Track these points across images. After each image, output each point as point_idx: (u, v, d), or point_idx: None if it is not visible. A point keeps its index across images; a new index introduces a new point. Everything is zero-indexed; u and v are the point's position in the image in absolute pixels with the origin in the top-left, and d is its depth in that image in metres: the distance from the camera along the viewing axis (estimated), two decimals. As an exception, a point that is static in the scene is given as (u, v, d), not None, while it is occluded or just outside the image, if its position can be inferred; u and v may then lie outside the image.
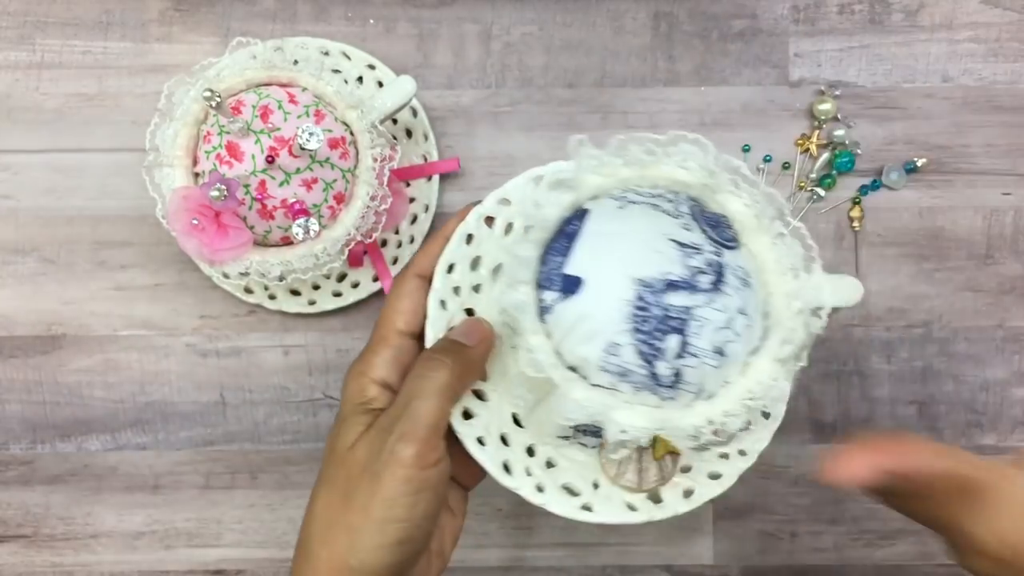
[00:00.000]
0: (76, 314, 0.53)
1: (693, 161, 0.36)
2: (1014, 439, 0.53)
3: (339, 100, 0.46)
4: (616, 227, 0.34)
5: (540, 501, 0.38)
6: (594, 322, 0.33)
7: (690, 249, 0.34)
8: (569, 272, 0.34)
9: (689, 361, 0.33)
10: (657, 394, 0.34)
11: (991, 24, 0.53)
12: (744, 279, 0.34)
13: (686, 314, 0.33)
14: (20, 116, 0.53)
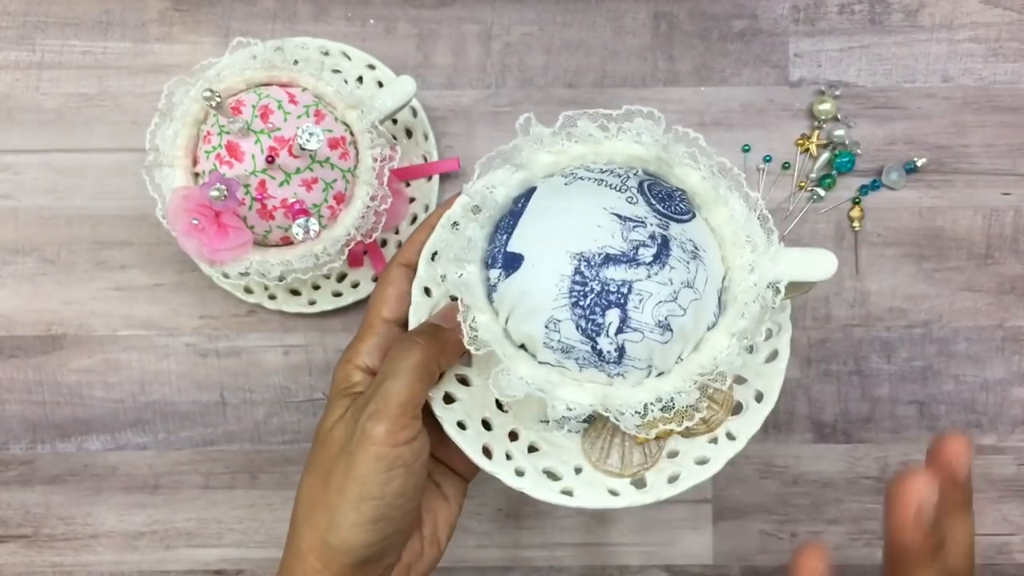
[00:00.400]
0: (76, 314, 0.53)
1: (648, 135, 0.36)
2: (1014, 439, 0.53)
3: (339, 100, 0.46)
4: (558, 203, 0.34)
5: (519, 485, 0.37)
6: (534, 298, 0.33)
7: (632, 222, 0.33)
8: (511, 250, 0.34)
9: (631, 336, 0.33)
10: (604, 371, 0.33)
11: (991, 24, 0.53)
12: (694, 252, 0.34)
13: (626, 288, 0.32)
14: (20, 116, 0.53)
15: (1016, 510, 0.53)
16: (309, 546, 0.35)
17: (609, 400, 0.33)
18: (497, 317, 0.34)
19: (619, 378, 0.34)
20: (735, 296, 0.34)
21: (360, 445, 0.34)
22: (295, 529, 0.36)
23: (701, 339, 0.34)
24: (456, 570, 0.54)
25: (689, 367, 0.34)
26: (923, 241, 0.53)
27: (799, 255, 0.35)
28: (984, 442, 0.53)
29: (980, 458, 0.53)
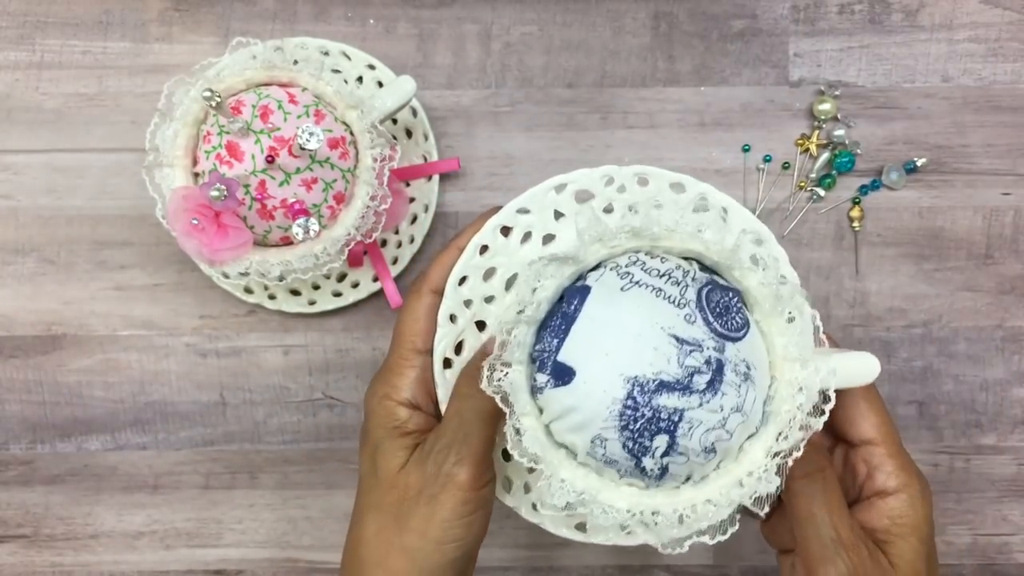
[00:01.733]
0: (76, 314, 0.53)
1: (711, 233, 0.34)
2: (1014, 439, 0.53)
3: (339, 100, 0.46)
4: (614, 316, 0.33)
5: (536, 520, 0.38)
6: (583, 415, 0.33)
7: (689, 346, 0.32)
8: (562, 360, 0.33)
9: (676, 459, 0.33)
10: (644, 481, 0.34)
11: (991, 24, 0.53)
12: (746, 373, 0.33)
13: (677, 415, 0.32)
14: (20, 116, 0.53)
15: (1016, 510, 0.53)
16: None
17: (646, 508, 0.33)
18: (540, 416, 0.34)
19: (656, 488, 0.34)
20: (778, 411, 0.34)
21: (446, 490, 0.35)
22: (364, 570, 0.36)
23: (740, 448, 0.34)
24: (456, 570, 0.54)
25: (726, 480, 0.34)
26: (923, 241, 0.53)
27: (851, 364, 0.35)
28: (984, 442, 0.53)
29: (980, 458, 0.53)
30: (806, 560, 0.35)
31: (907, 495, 0.36)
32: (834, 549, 0.34)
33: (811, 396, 0.34)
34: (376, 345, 0.53)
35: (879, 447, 0.37)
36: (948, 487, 0.53)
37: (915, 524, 0.36)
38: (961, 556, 0.53)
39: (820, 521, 0.34)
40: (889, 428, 0.37)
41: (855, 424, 0.37)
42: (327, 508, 0.54)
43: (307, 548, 0.54)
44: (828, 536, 0.34)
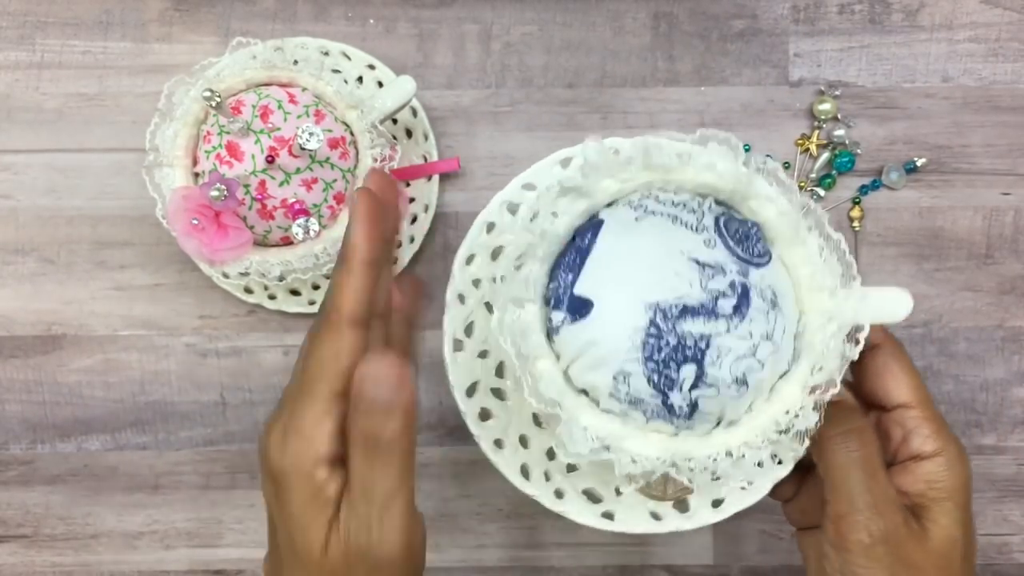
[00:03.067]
0: (76, 314, 0.53)
1: (723, 164, 0.33)
2: (1014, 439, 0.53)
3: (339, 100, 0.46)
4: (631, 243, 0.31)
5: (560, 509, 0.36)
6: (604, 349, 0.31)
7: (711, 269, 0.31)
8: (579, 293, 0.31)
9: (706, 392, 0.31)
10: (672, 423, 0.31)
11: (991, 24, 0.53)
12: (773, 300, 0.31)
13: (704, 342, 0.30)
14: (20, 116, 0.53)
15: (1016, 510, 0.53)
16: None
17: (678, 454, 0.31)
18: (557, 361, 0.32)
19: (686, 429, 0.32)
20: (811, 344, 0.32)
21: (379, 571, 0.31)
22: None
23: (773, 387, 0.32)
24: (456, 570, 0.54)
25: (761, 421, 0.32)
26: (923, 241, 0.53)
27: (878, 298, 0.33)
28: (984, 442, 0.53)
29: (980, 458, 0.53)
30: (837, 523, 0.33)
31: (944, 458, 0.34)
32: (868, 512, 0.33)
33: (843, 326, 0.32)
34: (376, 345, 0.53)
35: (914, 410, 0.35)
36: (948, 487, 0.53)
37: (953, 489, 0.34)
38: (961, 556, 0.53)
39: (854, 482, 0.33)
40: (923, 391, 0.36)
41: (888, 387, 0.36)
42: (327, 508, 0.54)
43: (307, 548, 0.54)
44: (862, 498, 0.33)
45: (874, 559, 0.32)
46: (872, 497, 0.33)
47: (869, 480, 0.33)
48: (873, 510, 0.33)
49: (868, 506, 0.33)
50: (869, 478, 0.33)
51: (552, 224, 0.32)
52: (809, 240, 0.33)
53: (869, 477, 0.33)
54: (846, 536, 0.33)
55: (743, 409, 0.32)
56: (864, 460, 0.33)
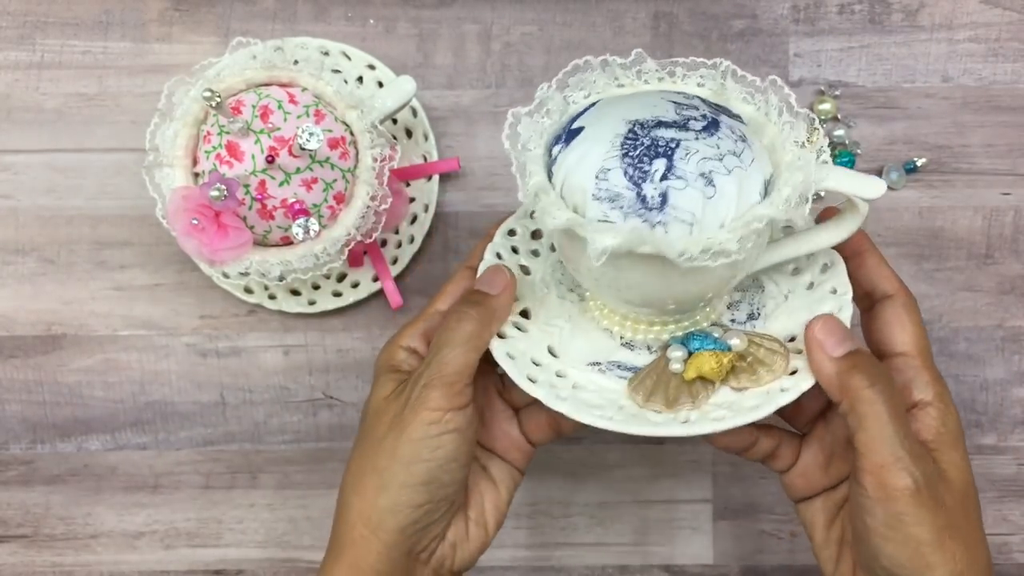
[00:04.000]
0: (76, 314, 0.53)
1: (709, 80, 0.39)
2: (1014, 439, 0.53)
3: (339, 100, 0.46)
4: (621, 98, 0.38)
5: (559, 407, 0.37)
6: (589, 157, 0.35)
7: (687, 106, 0.36)
8: (575, 126, 0.37)
9: (675, 183, 0.34)
10: (647, 219, 0.34)
11: (991, 24, 0.53)
12: (742, 136, 0.36)
13: (674, 143, 0.35)
14: (20, 116, 0.53)
15: (1016, 510, 0.53)
16: (358, 513, 0.37)
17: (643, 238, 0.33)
18: (553, 188, 0.36)
19: (660, 228, 0.34)
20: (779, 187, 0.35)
21: (414, 410, 0.36)
22: (343, 498, 0.38)
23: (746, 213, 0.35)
24: (456, 570, 0.54)
25: (732, 225, 0.34)
26: (923, 241, 0.53)
27: (846, 171, 0.37)
28: (984, 442, 0.53)
29: (980, 458, 0.53)
30: (879, 474, 0.33)
31: (944, 404, 0.36)
32: (911, 461, 0.33)
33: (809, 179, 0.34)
34: (376, 345, 0.53)
35: (915, 359, 0.37)
36: (948, 487, 0.53)
37: (957, 434, 0.36)
38: (961, 556, 0.53)
39: (891, 431, 0.33)
40: (925, 342, 0.37)
41: (894, 336, 0.37)
42: (327, 508, 0.53)
43: (307, 548, 0.54)
44: (902, 446, 0.33)
45: (921, 504, 0.33)
46: (911, 444, 0.34)
47: (905, 428, 0.34)
48: (913, 456, 0.33)
49: (909, 453, 0.33)
50: (904, 426, 0.34)
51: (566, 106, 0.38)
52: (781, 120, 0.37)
53: (904, 426, 0.34)
54: (892, 485, 0.33)
55: (716, 223, 0.34)
56: (897, 410, 0.34)
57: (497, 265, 0.40)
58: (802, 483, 0.40)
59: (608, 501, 0.54)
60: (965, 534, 0.34)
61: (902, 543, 0.33)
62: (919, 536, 0.33)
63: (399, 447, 0.36)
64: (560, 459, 0.54)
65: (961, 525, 0.34)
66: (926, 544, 0.33)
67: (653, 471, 0.54)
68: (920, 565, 0.33)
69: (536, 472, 0.54)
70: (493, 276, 0.39)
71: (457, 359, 0.36)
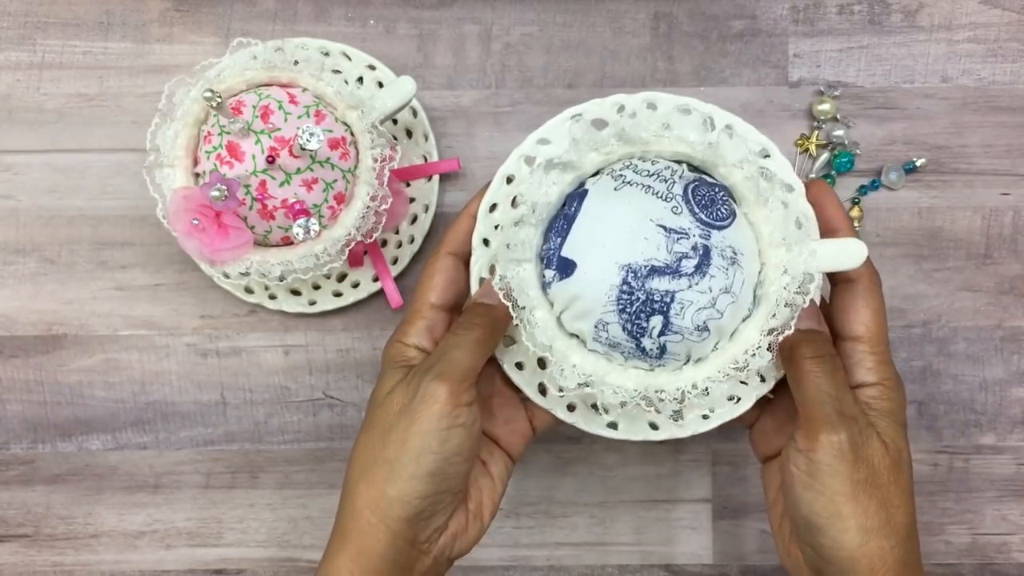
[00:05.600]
0: (77, 314, 0.53)
1: (696, 135, 0.38)
2: (1013, 439, 0.53)
3: (339, 100, 0.46)
4: (608, 212, 0.37)
5: (571, 420, 0.41)
6: (586, 302, 0.37)
7: (676, 234, 0.36)
8: (565, 255, 0.37)
9: (672, 338, 0.36)
10: (647, 362, 0.37)
11: (990, 24, 0.53)
12: (732, 258, 0.37)
13: (668, 297, 0.36)
14: (21, 116, 0.53)
15: (1015, 510, 0.53)
16: (365, 501, 0.38)
17: (651, 387, 0.36)
18: (552, 309, 0.38)
19: (660, 366, 0.37)
20: (768, 294, 0.37)
21: (424, 403, 0.37)
22: (350, 486, 0.39)
23: (736, 330, 0.38)
24: (455, 570, 0.54)
25: (723, 358, 0.37)
26: (922, 241, 0.53)
27: (832, 249, 0.38)
28: (983, 442, 0.53)
29: (979, 458, 0.53)
30: (809, 429, 0.37)
31: (883, 388, 0.39)
32: (837, 418, 0.37)
33: (796, 276, 0.37)
34: (376, 345, 0.53)
35: (863, 344, 0.39)
36: (947, 487, 0.53)
37: (892, 410, 0.39)
38: (960, 556, 0.53)
39: (826, 394, 0.37)
40: (879, 330, 0.40)
41: (849, 321, 0.40)
42: (328, 508, 0.54)
43: (307, 548, 0.54)
44: (832, 407, 0.37)
45: (840, 457, 0.36)
46: (840, 405, 0.37)
47: (837, 391, 0.37)
48: (841, 415, 0.37)
49: (836, 411, 0.37)
50: (837, 389, 0.37)
51: (545, 195, 0.38)
52: (771, 201, 0.38)
53: (837, 389, 0.37)
54: (816, 437, 0.36)
55: (709, 348, 0.38)
56: (833, 376, 0.38)
57: None
58: (761, 440, 0.43)
59: (608, 501, 0.54)
60: (885, 495, 0.37)
61: (819, 491, 0.36)
62: (834, 486, 0.36)
63: (409, 438, 0.37)
64: (560, 459, 0.54)
65: (882, 486, 0.37)
66: (840, 494, 0.36)
67: (653, 471, 0.54)
68: (832, 513, 0.36)
69: (536, 472, 0.54)
70: (490, 289, 0.40)
71: (465, 361, 0.38)
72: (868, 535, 0.36)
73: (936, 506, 0.53)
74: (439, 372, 0.38)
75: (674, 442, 0.53)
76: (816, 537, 0.37)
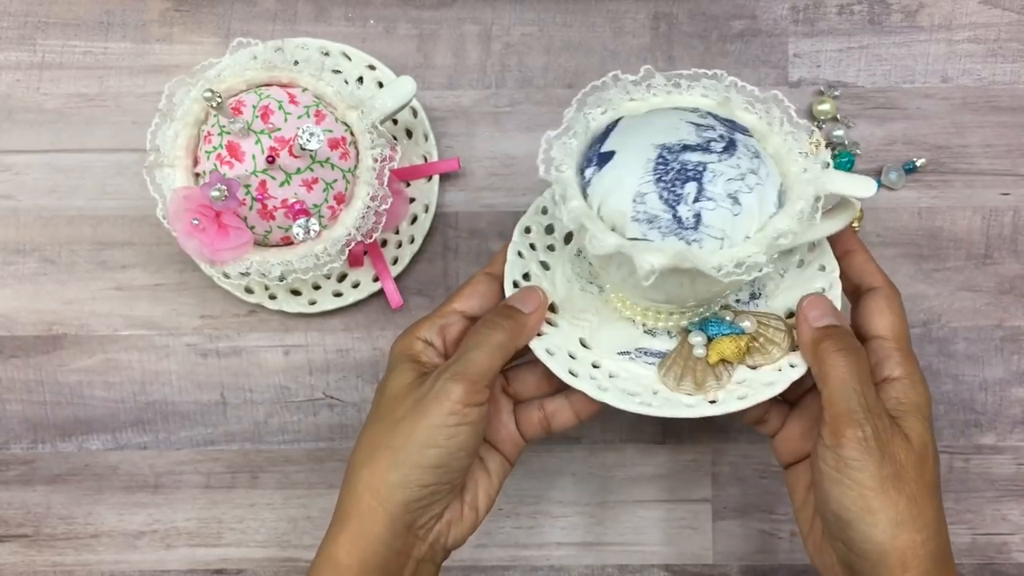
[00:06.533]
0: (77, 314, 0.53)
1: (713, 91, 0.42)
2: (1013, 439, 0.53)
3: (339, 100, 0.46)
4: (643, 120, 0.41)
5: (603, 397, 0.41)
6: (625, 180, 0.39)
7: (704, 127, 0.40)
8: (605, 150, 0.40)
9: (706, 204, 0.38)
10: (683, 238, 0.38)
11: (990, 24, 0.53)
12: (756, 152, 0.40)
13: (701, 167, 0.38)
14: (21, 116, 0.53)
15: (1015, 510, 0.53)
16: (367, 485, 0.39)
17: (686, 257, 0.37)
18: (590, 207, 0.39)
19: (696, 245, 0.38)
20: (792, 189, 0.40)
21: (437, 399, 0.39)
22: (352, 471, 0.40)
23: (765, 224, 0.39)
24: (456, 570, 0.54)
25: (758, 238, 0.38)
26: (922, 241, 0.53)
27: (844, 175, 0.41)
28: (983, 442, 0.53)
29: (979, 458, 0.53)
30: (835, 425, 0.37)
31: (910, 380, 0.40)
32: (862, 413, 0.37)
33: (815, 183, 0.39)
34: (376, 345, 0.53)
35: (889, 342, 0.41)
36: (947, 487, 0.53)
37: (918, 404, 0.39)
38: (960, 555, 0.53)
39: (851, 389, 0.38)
40: (902, 329, 0.41)
41: (874, 322, 0.41)
42: (328, 508, 0.53)
43: (307, 548, 0.54)
44: (857, 402, 0.37)
45: (867, 452, 0.37)
46: (866, 400, 0.38)
47: (863, 387, 0.38)
48: (867, 410, 0.37)
49: (862, 407, 0.37)
50: (863, 386, 0.38)
51: (588, 124, 0.41)
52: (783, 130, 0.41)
53: (863, 385, 0.38)
54: (843, 433, 0.37)
55: (742, 236, 0.39)
56: (859, 372, 0.38)
57: (532, 286, 0.43)
58: (786, 448, 0.44)
59: (608, 501, 0.54)
60: (913, 489, 0.37)
61: (848, 487, 0.37)
62: (863, 481, 0.37)
63: (416, 430, 0.39)
64: (560, 459, 0.54)
65: (910, 480, 0.37)
66: (869, 489, 0.37)
67: (653, 471, 0.54)
68: (863, 509, 0.37)
69: (536, 472, 0.54)
70: (527, 296, 0.42)
71: (483, 361, 0.39)
72: (898, 528, 0.37)
73: (936, 506, 0.53)
74: (456, 371, 0.39)
75: (674, 442, 0.54)
76: (847, 532, 0.38)
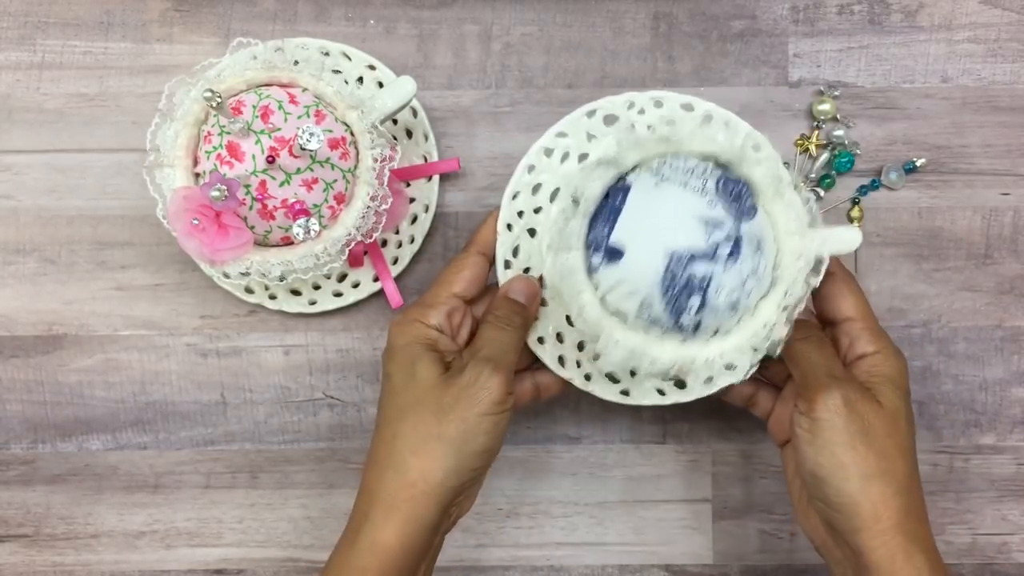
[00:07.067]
0: (77, 314, 0.53)
1: (723, 136, 0.43)
2: (1013, 439, 0.53)
3: (339, 100, 0.46)
4: (652, 206, 0.41)
5: (589, 388, 0.47)
6: (632, 284, 0.41)
7: (713, 225, 0.41)
8: (613, 243, 0.41)
9: (707, 314, 0.41)
10: (681, 335, 0.42)
11: (990, 24, 0.53)
12: (758, 246, 0.41)
13: (706, 281, 0.40)
14: (21, 116, 0.53)
15: (1015, 510, 0.53)
16: (419, 472, 0.41)
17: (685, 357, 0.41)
18: (596, 291, 0.42)
19: (691, 340, 0.42)
20: (783, 276, 0.42)
21: (485, 389, 0.42)
22: (399, 460, 0.42)
23: (756, 306, 0.42)
24: (456, 570, 0.54)
25: (745, 332, 0.42)
26: (922, 241, 0.53)
27: (833, 235, 0.43)
28: (983, 442, 0.53)
29: (979, 457, 0.53)
30: (807, 394, 0.41)
31: (882, 355, 0.43)
32: (829, 380, 0.41)
33: (808, 260, 0.42)
34: (377, 345, 0.53)
35: (858, 322, 0.44)
36: (947, 487, 0.53)
37: (891, 375, 0.43)
38: (960, 556, 0.53)
39: (817, 365, 0.42)
40: (866, 308, 0.44)
41: (837, 305, 0.44)
42: (328, 508, 0.54)
43: (308, 548, 0.54)
44: (824, 372, 0.41)
45: (836, 413, 0.40)
46: (831, 370, 0.42)
47: (829, 362, 0.42)
48: (832, 378, 0.41)
49: (831, 377, 0.41)
50: (829, 361, 0.42)
51: (590, 188, 0.42)
52: (785, 194, 0.42)
53: (829, 360, 0.42)
54: (816, 401, 0.41)
55: (733, 323, 0.42)
56: (823, 351, 0.43)
57: (528, 278, 0.46)
58: (778, 429, 0.47)
59: (608, 501, 0.54)
60: (882, 445, 0.40)
61: (821, 446, 0.40)
62: (832, 438, 0.40)
63: (469, 419, 0.41)
64: (560, 459, 0.54)
65: (879, 436, 0.40)
66: (838, 445, 0.40)
67: (653, 471, 0.54)
68: (834, 464, 0.40)
69: (536, 472, 0.54)
70: (523, 287, 0.45)
71: (512, 357, 0.43)
72: (868, 481, 0.40)
73: (936, 506, 0.53)
74: (496, 364, 0.42)
75: (674, 442, 0.54)
76: (823, 489, 0.41)
